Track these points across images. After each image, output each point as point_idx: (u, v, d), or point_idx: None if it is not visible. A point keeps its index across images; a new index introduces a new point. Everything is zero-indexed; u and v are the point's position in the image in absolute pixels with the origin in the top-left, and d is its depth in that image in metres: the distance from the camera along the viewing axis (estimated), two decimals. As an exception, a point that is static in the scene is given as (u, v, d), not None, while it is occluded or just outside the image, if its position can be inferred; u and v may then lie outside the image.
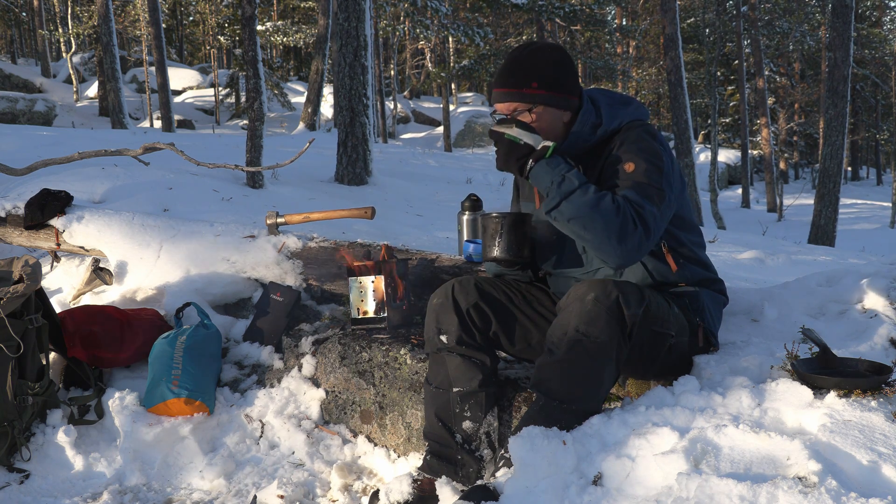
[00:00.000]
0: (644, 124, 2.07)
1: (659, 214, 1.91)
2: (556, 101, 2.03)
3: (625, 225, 1.84)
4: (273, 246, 3.10)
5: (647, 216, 1.87)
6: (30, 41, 35.33)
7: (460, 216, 2.60)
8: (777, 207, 20.29)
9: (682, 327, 2.03)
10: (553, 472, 1.69)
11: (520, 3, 19.20)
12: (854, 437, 1.58)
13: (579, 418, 1.84)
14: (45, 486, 2.41)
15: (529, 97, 2.02)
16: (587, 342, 1.82)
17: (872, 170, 37.42)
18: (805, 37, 24.53)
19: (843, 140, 11.62)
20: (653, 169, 1.95)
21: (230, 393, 2.76)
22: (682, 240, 2.10)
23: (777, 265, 5.72)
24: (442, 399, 2.11)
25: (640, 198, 1.89)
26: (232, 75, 23.71)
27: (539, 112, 2.03)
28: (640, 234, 1.86)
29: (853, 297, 2.43)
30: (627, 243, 1.85)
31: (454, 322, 2.08)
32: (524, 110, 2.02)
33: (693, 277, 2.11)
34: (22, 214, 3.54)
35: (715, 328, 2.16)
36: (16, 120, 18.85)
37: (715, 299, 2.16)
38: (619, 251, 1.86)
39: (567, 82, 2.05)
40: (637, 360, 1.98)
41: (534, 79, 2.02)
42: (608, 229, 1.84)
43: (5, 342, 2.44)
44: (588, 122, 2.05)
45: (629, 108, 2.10)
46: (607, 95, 2.13)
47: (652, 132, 2.05)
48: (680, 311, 2.04)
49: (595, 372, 1.84)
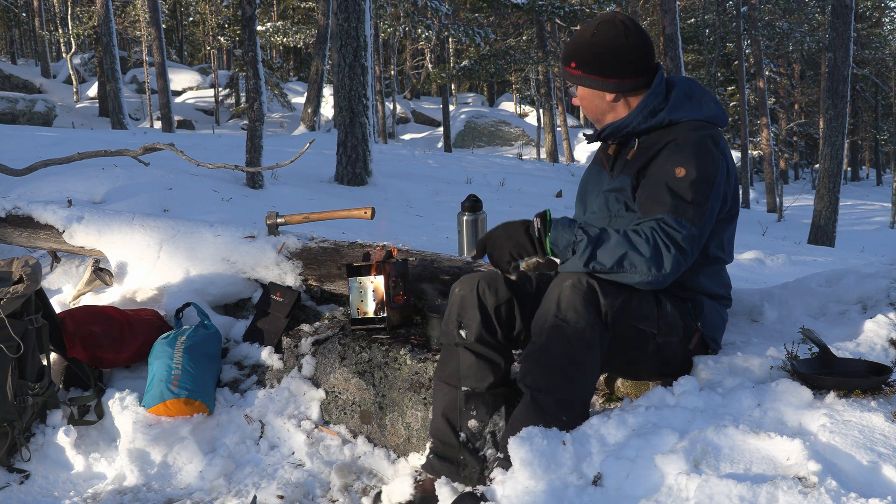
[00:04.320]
0: (712, 128, 2.01)
1: (697, 233, 1.88)
2: (591, 82, 2.06)
3: (657, 253, 1.83)
4: (273, 246, 3.10)
5: (681, 241, 1.85)
6: (30, 41, 35.34)
7: (460, 217, 2.60)
8: (777, 208, 20.27)
9: (673, 328, 2.00)
10: (552, 473, 1.69)
11: (520, 3, 19.21)
12: (854, 437, 1.58)
13: (565, 408, 1.82)
14: (45, 486, 2.41)
15: (569, 76, 2.10)
16: (565, 327, 1.82)
17: (872, 170, 37.42)
18: (805, 37, 24.51)
19: (843, 140, 11.62)
20: (701, 181, 1.90)
21: (230, 393, 2.76)
22: (708, 253, 2.06)
23: (777, 265, 5.72)
24: (449, 396, 2.08)
25: (676, 222, 1.86)
26: (232, 76, 23.73)
27: (580, 91, 2.09)
28: (674, 257, 1.84)
29: (853, 298, 2.43)
30: (663, 268, 1.83)
31: (476, 318, 2.03)
32: (576, 87, 2.10)
33: (699, 285, 2.07)
34: (22, 214, 3.53)
35: (716, 335, 2.13)
36: (16, 120, 18.85)
37: (717, 311, 2.13)
38: (656, 276, 1.84)
39: (609, 64, 2.03)
40: (622, 359, 1.97)
41: (573, 58, 2.07)
42: (644, 261, 1.82)
43: (5, 342, 2.44)
44: (649, 105, 2.02)
45: (703, 106, 2.04)
46: (689, 87, 2.08)
47: (716, 139, 1.99)
48: (676, 312, 2.01)
49: (574, 357, 1.83)
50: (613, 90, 2.05)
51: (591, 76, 2.05)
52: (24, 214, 3.54)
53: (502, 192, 10.82)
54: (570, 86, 2.14)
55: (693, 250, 1.89)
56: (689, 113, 2.01)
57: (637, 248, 1.82)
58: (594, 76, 2.05)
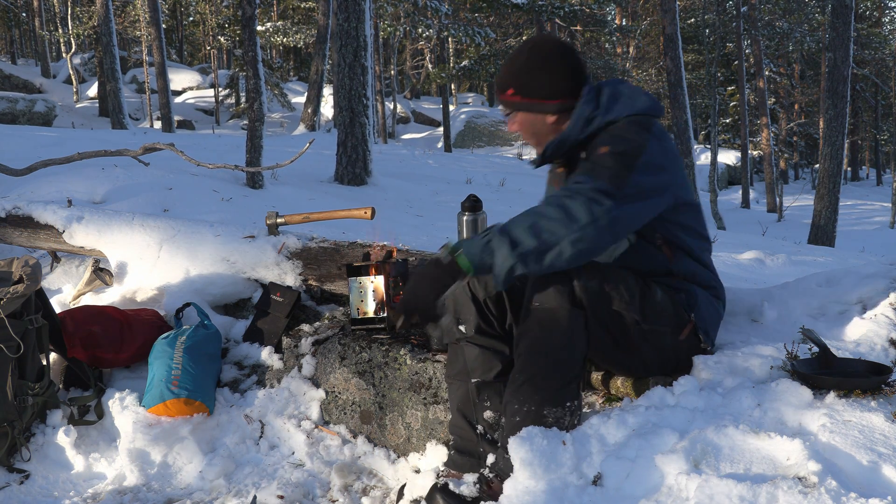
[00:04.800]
0: (646, 119, 2.00)
1: (614, 191, 1.80)
2: (532, 106, 2.04)
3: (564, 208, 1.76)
4: (273, 246, 3.10)
5: (589, 190, 1.78)
6: (30, 41, 35.34)
7: (460, 217, 2.60)
8: (777, 208, 20.28)
9: (661, 316, 1.97)
10: (553, 472, 1.69)
11: (520, 3, 19.21)
12: (854, 437, 1.58)
13: (549, 396, 1.83)
14: (45, 486, 2.41)
15: (508, 103, 2.06)
16: (539, 311, 1.86)
17: (872, 170, 37.42)
18: (805, 37, 24.51)
19: (843, 140, 11.62)
20: (621, 154, 1.87)
21: (230, 393, 2.76)
22: (684, 237, 2.05)
23: (777, 265, 5.73)
24: (461, 390, 2.09)
25: (586, 178, 1.82)
26: (232, 76, 23.72)
27: (519, 118, 2.06)
28: (583, 204, 1.76)
29: (853, 298, 2.43)
30: (577, 219, 1.74)
31: (472, 311, 2.05)
32: (508, 112, 2.07)
33: (690, 273, 2.06)
34: (22, 215, 3.54)
35: (709, 328, 2.09)
36: (16, 120, 18.84)
37: (711, 302, 2.10)
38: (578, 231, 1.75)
39: (548, 86, 2.02)
40: (611, 347, 1.97)
41: (510, 85, 2.04)
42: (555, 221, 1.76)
43: (5, 342, 2.44)
44: (584, 114, 2.01)
45: (635, 101, 2.03)
46: (616, 88, 2.06)
47: (647, 125, 1.97)
48: (667, 301, 1.98)
49: (551, 341, 1.84)
50: (555, 111, 2.03)
51: (531, 100, 2.04)
52: (24, 214, 3.54)
53: (502, 192, 10.83)
54: (506, 113, 2.11)
55: (612, 207, 1.78)
56: (623, 110, 2.00)
57: (543, 213, 1.78)
58: (535, 100, 2.03)
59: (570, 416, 1.86)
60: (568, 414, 1.85)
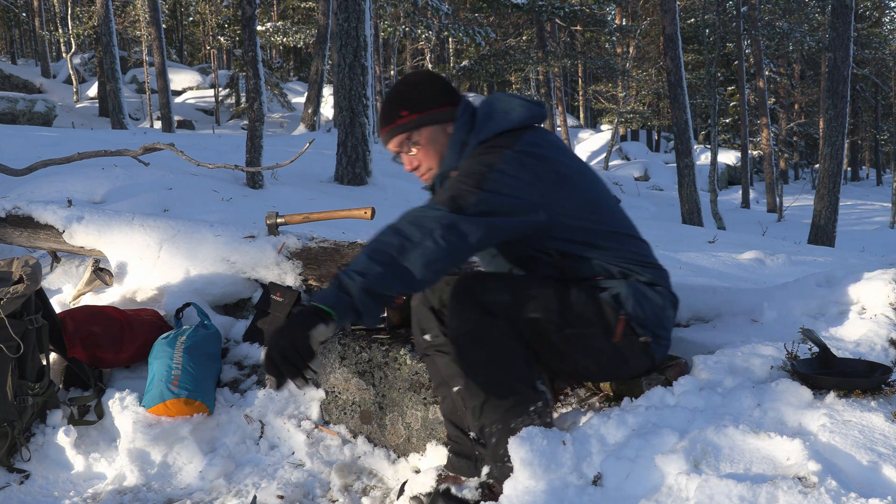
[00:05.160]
0: (516, 134, 1.94)
1: (451, 209, 1.76)
2: (433, 118, 2.02)
3: (402, 229, 1.73)
4: (273, 246, 3.10)
5: (426, 211, 1.76)
6: (30, 41, 35.34)
7: None
8: (777, 208, 20.29)
9: (583, 318, 1.91)
10: (553, 472, 1.69)
11: (520, 3, 19.21)
12: (854, 437, 1.58)
13: (509, 411, 1.86)
14: (45, 486, 2.41)
15: (404, 126, 2.02)
16: (459, 337, 1.89)
17: (872, 170, 37.42)
18: (805, 37, 24.51)
19: (843, 140, 11.62)
20: (468, 177, 1.83)
21: (230, 393, 2.76)
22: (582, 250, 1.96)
23: (777, 265, 5.72)
24: (447, 400, 2.12)
25: (431, 202, 1.81)
26: (232, 76, 23.72)
27: (421, 137, 2.02)
28: (411, 215, 1.74)
29: (853, 298, 2.43)
30: (414, 257, 1.70)
31: (432, 320, 2.07)
32: (406, 141, 2.03)
33: (605, 271, 1.97)
34: (22, 215, 3.53)
35: (647, 321, 1.97)
36: (16, 120, 18.83)
37: (643, 294, 1.97)
38: (413, 271, 1.70)
39: (434, 95, 2.03)
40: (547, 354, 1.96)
41: (402, 107, 2.03)
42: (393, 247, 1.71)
43: (5, 342, 2.44)
44: (458, 141, 1.99)
45: (507, 116, 1.98)
46: (490, 105, 2.02)
47: (508, 141, 1.91)
48: (589, 302, 1.92)
49: (480, 361, 1.88)
50: (449, 118, 2.02)
51: (429, 111, 2.01)
52: (24, 214, 3.54)
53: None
54: (398, 151, 2.07)
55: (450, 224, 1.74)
56: (494, 127, 1.97)
57: (382, 239, 1.75)
58: (432, 110, 2.02)
59: (540, 416, 1.88)
60: (537, 416, 1.87)
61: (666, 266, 2.13)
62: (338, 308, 1.68)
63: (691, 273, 4.73)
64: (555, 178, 1.91)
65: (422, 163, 2.04)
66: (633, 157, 27.63)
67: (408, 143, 2.04)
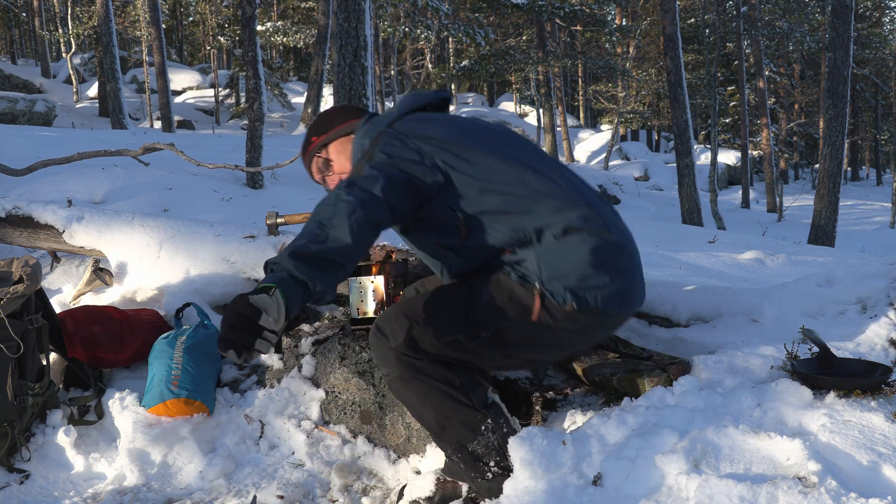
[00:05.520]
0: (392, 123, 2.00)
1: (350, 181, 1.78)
2: (337, 132, 2.14)
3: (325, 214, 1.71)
4: (273, 246, 3.10)
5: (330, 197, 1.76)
6: (30, 41, 35.35)
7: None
8: (777, 208, 20.29)
9: (496, 313, 1.86)
10: (553, 473, 1.69)
11: (520, 3, 19.21)
12: (854, 437, 1.58)
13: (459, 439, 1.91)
14: (45, 486, 2.41)
15: (315, 149, 2.17)
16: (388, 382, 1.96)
17: (872, 170, 37.42)
18: (805, 37, 24.51)
19: (843, 140, 11.62)
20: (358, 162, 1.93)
21: (230, 393, 2.76)
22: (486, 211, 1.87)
23: (777, 265, 5.73)
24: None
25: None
26: (232, 76, 23.72)
27: (329, 153, 2.15)
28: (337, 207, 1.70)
29: (853, 298, 2.43)
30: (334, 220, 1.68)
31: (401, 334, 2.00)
32: (321, 163, 2.17)
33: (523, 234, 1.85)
34: (22, 215, 3.53)
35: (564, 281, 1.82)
36: (16, 120, 18.84)
37: (555, 251, 1.83)
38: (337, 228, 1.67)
39: (337, 116, 2.17)
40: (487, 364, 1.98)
41: (310, 136, 2.19)
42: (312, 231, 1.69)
43: (5, 342, 2.44)
44: (357, 148, 2.06)
45: (394, 110, 2.08)
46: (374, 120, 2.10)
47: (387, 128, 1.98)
48: (498, 294, 1.87)
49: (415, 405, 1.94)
50: (354, 129, 2.12)
51: (334, 128, 2.15)
52: (24, 214, 3.54)
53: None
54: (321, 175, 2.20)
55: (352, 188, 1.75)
56: (384, 121, 2.03)
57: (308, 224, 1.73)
58: (337, 126, 2.15)
59: (494, 432, 1.90)
60: (491, 432, 1.90)
61: (666, 266, 2.12)
62: (277, 281, 1.60)
63: (691, 273, 4.73)
64: (440, 143, 1.91)
65: (341, 177, 2.11)
66: (633, 157, 27.62)
67: (323, 165, 2.17)
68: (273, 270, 1.63)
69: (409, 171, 1.85)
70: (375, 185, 1.77)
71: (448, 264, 1.98)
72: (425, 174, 1.86)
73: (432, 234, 1.95)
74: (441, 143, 1.91)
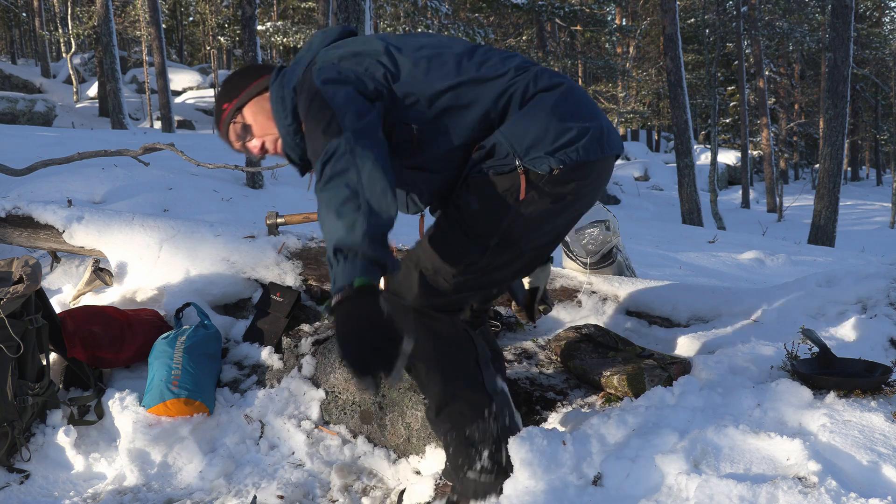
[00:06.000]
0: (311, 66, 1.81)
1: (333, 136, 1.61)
2: (245, 96, 1.93)
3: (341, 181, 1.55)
4: (273, 246, 3.10)
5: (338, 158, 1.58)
6: (30, 41, 35.35)
7: None
8: (777, 208, 20.30)
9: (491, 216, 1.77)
10: (552, 473, 1.69)
11: (520, 3, 19.21)
12: (854, 437, 1.58)
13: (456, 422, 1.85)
14: (45, 486, 2.41)
15: (229, 116, 1.95)
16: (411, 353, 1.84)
17: (872, 170, 37.42)
18: (805, 37, 24.52)
19: (843, 140, 11.63)
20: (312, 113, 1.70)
21: (230, 393, 2.76)
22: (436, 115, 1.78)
23: (777, 265, 5.73)
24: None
25: (314, 155, 1.66)
26: (232, 76, 23.70)
27: (246, 116, 1.94)
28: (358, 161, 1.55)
29: (853, 298, 2.43)
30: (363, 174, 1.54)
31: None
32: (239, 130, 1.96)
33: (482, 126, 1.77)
34: (22, 214, 3.53)
35: (538, 147, 1.73)
36: (16, 120, 18.84)
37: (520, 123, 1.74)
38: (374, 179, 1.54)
39: (242, 78, 1.96)
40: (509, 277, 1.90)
41: (220, 105, 1.97)
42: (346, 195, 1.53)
43: (5, 343, 2.44)
44: (277, 103, 1.86)
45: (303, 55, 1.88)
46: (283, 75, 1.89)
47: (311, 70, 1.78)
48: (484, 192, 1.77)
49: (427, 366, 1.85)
50: (266, 86, 1.93)
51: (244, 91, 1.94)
52: (24, 214, 3.54)
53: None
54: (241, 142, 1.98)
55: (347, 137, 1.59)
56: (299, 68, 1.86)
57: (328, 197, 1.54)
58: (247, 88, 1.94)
59: (496, 420, 1.85)
60: (493, 420, 1.84)
61: (666, 266, 2.11)
62: (367, 272, 1.47)
63: (691, 273, 4.73)
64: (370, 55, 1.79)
65: (263, 139, 1.95)
66: (633, 157, 27.63)
67: (242, 131, 1.96)
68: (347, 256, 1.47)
69: (362, 91, 1.71)
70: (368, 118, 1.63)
71: (419, 188, 1.85)
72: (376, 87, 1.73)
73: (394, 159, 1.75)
74: (371, 55, 1.78)
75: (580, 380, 2.40)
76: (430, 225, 1.91)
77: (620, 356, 2.35)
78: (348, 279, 1.46)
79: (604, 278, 2.93)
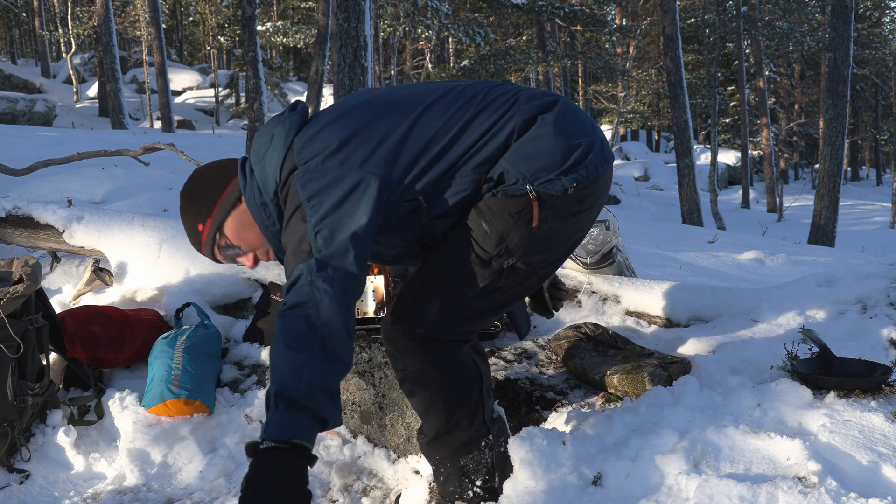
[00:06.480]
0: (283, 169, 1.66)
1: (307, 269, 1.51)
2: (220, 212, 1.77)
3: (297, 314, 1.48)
4: (273, 246, 3.10)
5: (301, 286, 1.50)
6: (30, 41, 35.36)
7: None
8: (777, 208, 20.30)
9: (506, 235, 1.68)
10: (553, 473, 1.69)
11: (520, 3, 19.21)
12: (854, 437, 1.58)
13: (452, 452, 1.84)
14: (45, 486, 2.41)
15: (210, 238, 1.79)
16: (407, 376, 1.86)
17: (872, 170, 37.42)
18: (805, 37, 24.52)
19: (843, 140, 11.63)
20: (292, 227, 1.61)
21: (230, 393, 2.76)
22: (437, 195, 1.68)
23: (777, 266, 5.73)
24: None
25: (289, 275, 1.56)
26: (232, 76, 23.75)
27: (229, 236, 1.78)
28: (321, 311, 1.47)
29: (853, 298, 2.43)
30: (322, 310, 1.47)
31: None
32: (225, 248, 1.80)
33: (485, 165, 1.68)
34: (22, 214, 3.53)
35: (548, 169, 1.66)
36: (16, 120, 18.84)
37: (525, 148, 1.67)
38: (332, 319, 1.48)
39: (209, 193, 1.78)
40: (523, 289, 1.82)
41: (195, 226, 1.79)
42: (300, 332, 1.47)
43: (5, 343, 2.44)
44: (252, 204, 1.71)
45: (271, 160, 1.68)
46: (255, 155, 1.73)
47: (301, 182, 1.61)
48: (490, 217, 1.68)
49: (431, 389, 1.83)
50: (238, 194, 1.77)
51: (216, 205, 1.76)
52: (24, 214, 3.54)
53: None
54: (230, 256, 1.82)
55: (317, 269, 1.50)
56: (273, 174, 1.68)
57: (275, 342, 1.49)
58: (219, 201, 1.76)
59: (491, 450, 1.85)
60: (488, 449, 1.84)
61: (666, 266, 2.11)
62: (305, 433, 1.39)
63: (691, 273, 4.73)
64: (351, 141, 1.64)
65: (253, 251, 1.81)
66: (633, 157, 27.65)
67: (229, 251, 1.80)
68: (288, 406, 1.39)
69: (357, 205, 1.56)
70: (347, 258, 1.52)
71: (433, 235, 1.75)
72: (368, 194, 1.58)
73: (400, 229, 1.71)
74: (352, 140, 1.64)
75: (580, 379, 2.40)
76: (434, 252, 1.79)
77: (621, 355, 2.35)
78: (286, 434, 1.38)
79: (604, 278, 2.93)
